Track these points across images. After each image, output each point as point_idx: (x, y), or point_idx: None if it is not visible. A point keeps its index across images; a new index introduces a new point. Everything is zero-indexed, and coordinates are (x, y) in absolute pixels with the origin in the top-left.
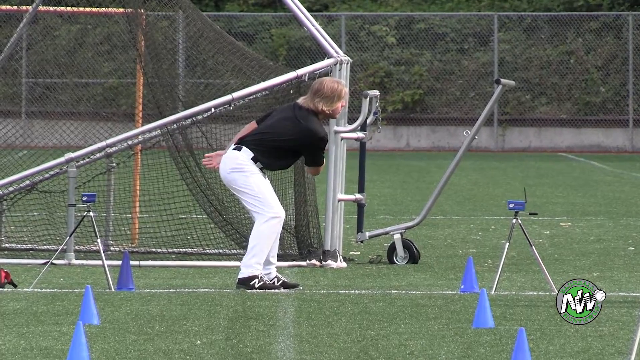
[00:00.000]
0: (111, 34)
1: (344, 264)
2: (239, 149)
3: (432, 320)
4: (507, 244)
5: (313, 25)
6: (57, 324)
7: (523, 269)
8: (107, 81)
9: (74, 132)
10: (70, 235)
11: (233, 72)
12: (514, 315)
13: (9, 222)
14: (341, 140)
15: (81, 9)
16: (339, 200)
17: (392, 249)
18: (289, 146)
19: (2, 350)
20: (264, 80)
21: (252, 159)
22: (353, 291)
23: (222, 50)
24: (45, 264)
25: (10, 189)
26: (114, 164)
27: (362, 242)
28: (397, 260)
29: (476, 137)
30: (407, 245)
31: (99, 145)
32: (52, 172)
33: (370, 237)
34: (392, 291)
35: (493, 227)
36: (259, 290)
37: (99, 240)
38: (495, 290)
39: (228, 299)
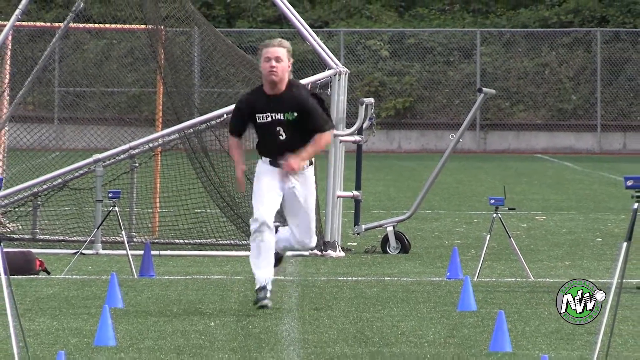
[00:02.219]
0: (134, 48)
1: (342, 254)
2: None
3: (421, 304)
4: (488, 235)
5: (315, 40)
6: (86, 307)
7: (502, 258)
8: (130, 90)
9: (101, 136)
10: (97, 228)
11: (243, 81)
12: (494, 299)
13: (43, 216)
14: (340, 142)
15: (107, 25)
16: (338, 197)
17: (385, 240)
18: None
19: (37, 331)
20: None
21: None
22: (350, 278)
23: (234, 62)
24: (75, 253)
25: (44, 186)
26: (137, 164)
27: (358, 234)
28: (390, 250)
29: (461, 140)
30: (398, 236)
31: (123, 147)
32: (81, 172)
33: (366, 229)
34: (386, 278)
35: (475, 220)
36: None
37: (123, 233)
38: (477, 277)
39: (239, 285)
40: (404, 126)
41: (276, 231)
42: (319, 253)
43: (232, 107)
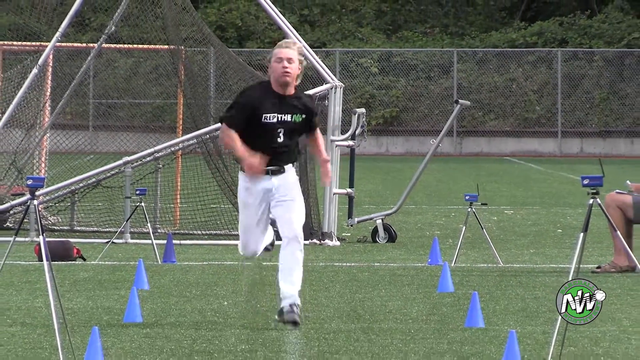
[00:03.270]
0: (158, 65)
1: (337, 243)
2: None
3: (405, 286)
4: (464, 227)
5: (314, 59)
6: (117, 288)
7: (476, 246)
8: (155, 102)
9: (130, 141)
10: (126, 221)
11: None
12: (469, 282)
13: (80, 210)
14: (336, 146)
15: (135, 46)
16: (334, 194)
17: (375, 231)
18: None
19: (74, 309)
20: None
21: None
22: (345, 264)
23: (244, 78)
24: (107, 242)
25: (81, 185)
26: (160, 166)
27: (352, 225)
28: (379, 240)
29: (440, 144)
30: (386, 228)
31: (149, 151)
32: (112, 172)
33: (358, 222)
34: (375, 264)
35: (453, 214)
36: None
37: (148, 224)
38: (454, 263)
39: (248, 270)
40: (391, 133)
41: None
42: (318, 242)
43: None
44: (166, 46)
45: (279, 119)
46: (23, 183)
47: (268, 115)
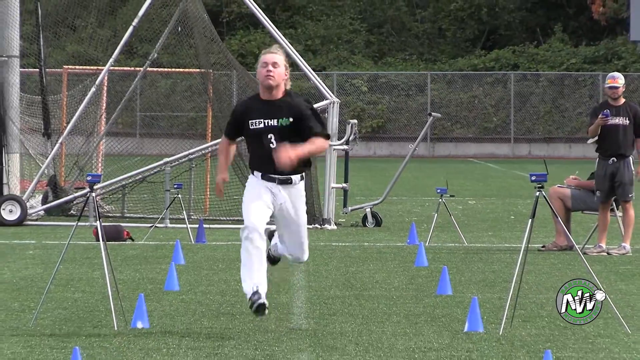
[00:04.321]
0: (191, 85)
1: (335, 227)
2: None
3: (389, 261)
4: (436, 214)
5: (316, 79)
6: (158, 263)
7: (445, 229)
8: (189, 114)
9: (169, 145)
10: (166, 209)
11: None
12: (440, 258)
13: (129, 200)
14: (333, 150)
15: (173, 69)
16: (332, 187)
17: (365, 217)
18: None
19: (124, 280)
20: None
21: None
22: (340, 244)
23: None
24: (151, 226)
25: (130, 180)
26: (194, 165)
27: (346, 213)
28: (368, 224)
29: (416, 148)
30: (374, 215)
31: (184, 153)
32: (155, 170)
33: (352, 210)
34: (365, 244)
35: (427, 204)
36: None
37: (184, 212)
38: (428, 243)
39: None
40: (378, 139)
41: (271, 236)
42: (319, 226)
43: None
44: (198, 70)
45: (266, 124)
46: (84, 179)
47: (254, 121)
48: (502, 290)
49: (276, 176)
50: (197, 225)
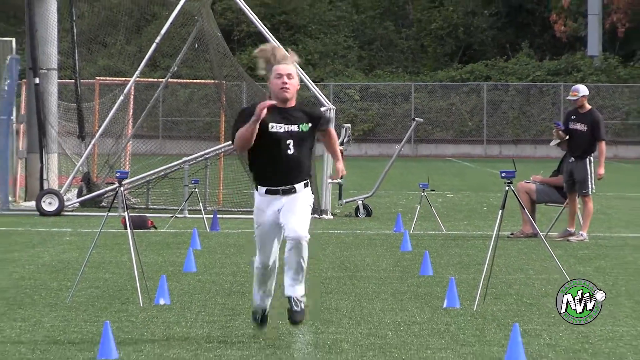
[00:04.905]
0: (207, 94)
1: (331, 217)
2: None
3: (378, 247)
4: (419, 206)
5: (315, 89)
6: (178, 248)
7: (427, 219)
8: (204, 119)
9: (187, 146)
10: (185, 201)
11: None
12: (422, 243)
13: (153, 194)
14: None
15: (191, 80)
16: (329, 182)
17: (357, 209)
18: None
19: (149, 263)
20: None
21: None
22: (336, 231)
23: (265, 99)
24: (171, 217)
25: (153, 176)
26: (209, 163)
27: (341, 205)
28: (359, 215)
29: (402, 149)
30: (365, 206)
31: (201, 153)
32: (175, 168)
33: (346, 202)
34: (357, 231)
35: (411, 197)
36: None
37: (200, 204)
38: (412, 230)
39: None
40: (368, 141)
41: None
42: (317, 216)
43: None
44: (212, 81)
45: (286, 129)
46: (113, 175)
47: (275, 125)
48: (476, 272)
49: (279, 188)
50: (211, 216)
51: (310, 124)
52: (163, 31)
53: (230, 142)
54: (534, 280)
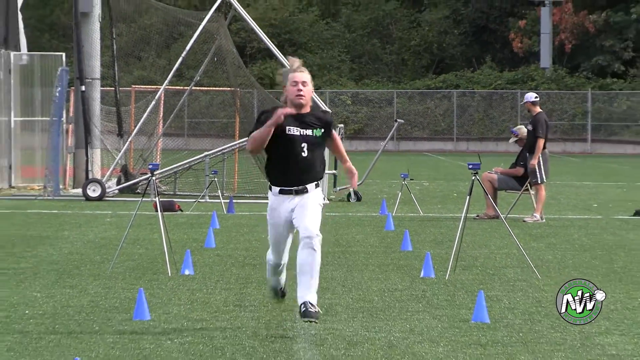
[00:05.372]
0: (224, 99)
1: (327, 202)
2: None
3: (366, 226)
4: (400, 193)
5: (315, 95)
6: (200, 227)
7: (407, 203)
8: (222, 120)
9: (208, 143)
10: (206, 188)
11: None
12: (403, 224)
13: (179, 182)
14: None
15: (211, 88)
16: (325, 173)
17: (349, 195)
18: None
19: (176, 240)
20: None
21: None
22: (331, 214)
23: (273, 103)
24: (195, 201)
25: (180, 168)
26: (226, 157)
27: (335, 192)
28: (351, 200)
29: (386, 145)
30: (356, 193)
31: (219, 148)
32: (198, 161)
33: (340, 189)
34: (349, 214)
35: (394, 185)
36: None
37: (219, 191)
38: (395, 213)
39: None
40: (358, 138)
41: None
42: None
43: None
44: (228, 88)
45: (301, 133)
46: (146, 167)
47: (291, 128)
48: (448, 247)
49: (293, 188)
50: (228, 201)
51: (323, 130)
52: (188, 47)
53: (243, 140)
54: (496, 254)
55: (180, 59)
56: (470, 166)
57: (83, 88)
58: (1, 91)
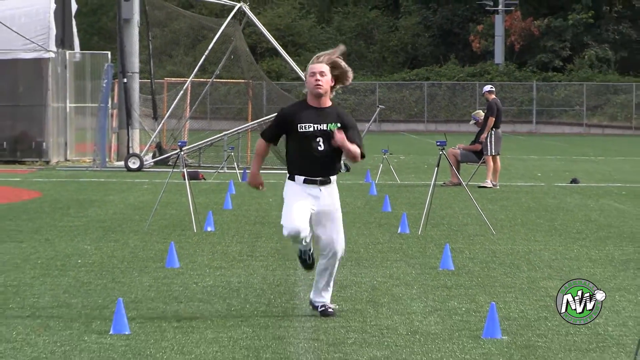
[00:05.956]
0: (239, 89)
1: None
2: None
3: (354, 192)
4: (381, 165)
5: None
6: (220, 193)
7: (387, 173)
8: (237, 106)
9: (226, 124)
10: (224, 161)
11: (285, 103)
12: (384, 190)
13: (203, 156)
14: None
15: (229, 80)
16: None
17: (339, 166)
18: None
19: (200, 203)
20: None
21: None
22: None
23: (280, 94)
24: (215, 172)
25: (203, 145)
26: (240, 136)
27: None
28: (341, 171)
29: (370, 126)
30: (345, 164)
31: (236, 129)
32: (218, 139)
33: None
34: (340, 182)
35: (376, 158)
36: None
37: (235, 163)
38: (377, 181)
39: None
40: None
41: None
42: None
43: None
44: (243, 80)
45: (315, 128)
46: (176, 144)
47: (304, 125)
48: (421, 208)
49: (318, 178)
50: (242, 171)
51: (339, 124)
52: (210, 47)
53: (254, 122)
54: (459, 214)
55: (203, 57)
56: (438, 143)
57: (125, 80)
58: (59, 83)
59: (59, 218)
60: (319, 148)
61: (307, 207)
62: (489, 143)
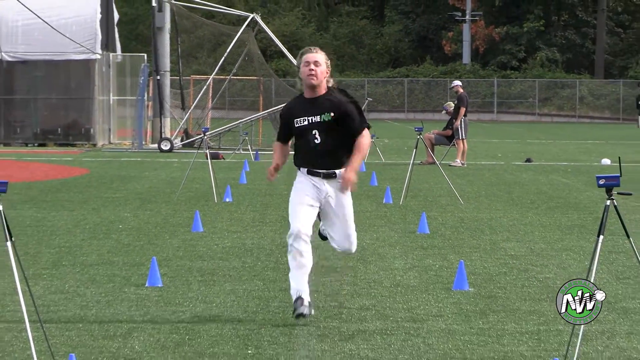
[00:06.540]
0: (252, 85)
1: None
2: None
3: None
4: (377, 147)
5: None
6: (237, 170)
7: (373, 154)
8: (251, 99)
9: (241, 114)
10: (240, 144)
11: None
12: (371, 167)
13: (223, 140)
14: None
15: (243, 77)
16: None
17: None
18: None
19: (220, 178)
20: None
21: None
22: None
23: (287, 90)
24: (232, 152)
25: (222, 131)
26: (253, 123)
27: None
28: None
29: None
30: None
31: (249, 118)
32: (235, 125)
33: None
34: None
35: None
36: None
37: (249, 145)
38: (366, 160)
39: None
40: None
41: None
42: None
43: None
44: (255, 77)
45: (309, 121)
46: (201, 130)
47: (299, 119)
48: (401, 183)
49: (321, 171)
50: (255, 152)
51: (332, 114)
52: (228, 50)
53: (266, 112)
54: (433, 187)
55: (222, 58)
56: (416, 129)
57: (158, 77)
58: (104, 79)
59: (103, 191)
60: (315, 141)
61: (312, 210)
62: (459, 129)
